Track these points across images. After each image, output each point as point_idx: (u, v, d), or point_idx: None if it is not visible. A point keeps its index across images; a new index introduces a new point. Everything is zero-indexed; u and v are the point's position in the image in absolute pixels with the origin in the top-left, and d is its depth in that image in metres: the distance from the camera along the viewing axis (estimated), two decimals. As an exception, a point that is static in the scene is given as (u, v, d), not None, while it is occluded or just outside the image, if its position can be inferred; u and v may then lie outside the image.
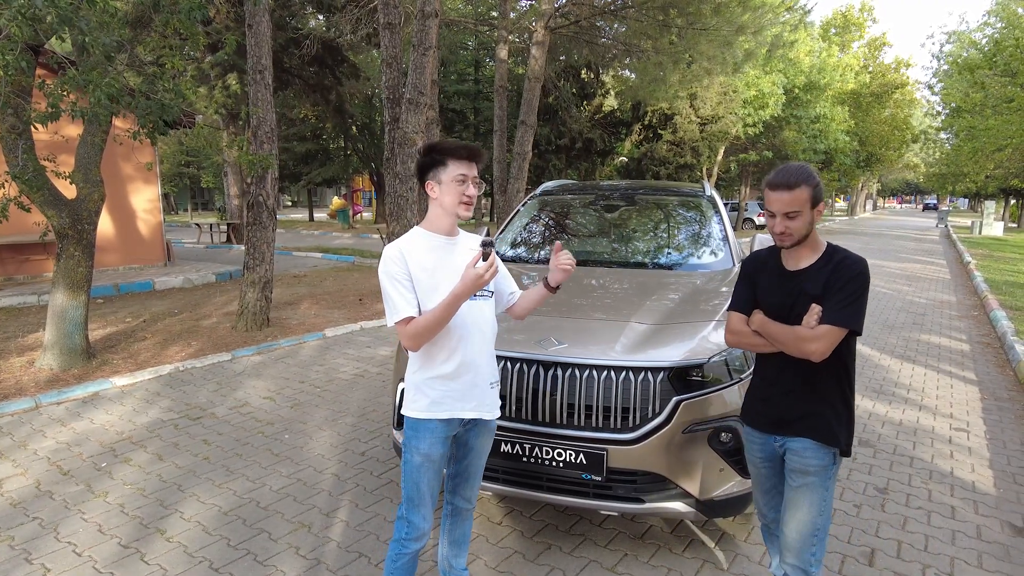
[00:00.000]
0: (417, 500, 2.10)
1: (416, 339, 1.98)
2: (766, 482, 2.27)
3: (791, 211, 1.99)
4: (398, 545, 2.13)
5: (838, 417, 2.07)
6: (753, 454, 2.26)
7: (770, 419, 2.16)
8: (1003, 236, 26.24)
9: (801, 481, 2.08)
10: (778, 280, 2.13)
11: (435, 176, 2.06)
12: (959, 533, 3.17)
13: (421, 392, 2.08)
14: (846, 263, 2.00)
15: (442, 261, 2.07)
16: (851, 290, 1.96)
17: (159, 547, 2.92)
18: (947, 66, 19.55)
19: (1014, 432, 4.54)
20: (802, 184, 1.99)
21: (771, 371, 2.16)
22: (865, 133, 31.12)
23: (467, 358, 2.08)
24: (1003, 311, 8.47)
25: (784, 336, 2.02)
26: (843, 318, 1.94)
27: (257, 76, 6.38)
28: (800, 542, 2.09)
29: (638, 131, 22.68)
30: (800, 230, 2.02)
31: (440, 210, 2.09)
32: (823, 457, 2.06)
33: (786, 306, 2.07)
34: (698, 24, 9.72)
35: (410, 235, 2.11)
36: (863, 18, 33.35)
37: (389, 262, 2.01)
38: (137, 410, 4.75)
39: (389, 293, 1.99)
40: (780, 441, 2.14)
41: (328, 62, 15.75)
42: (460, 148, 2.03)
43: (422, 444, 2.07)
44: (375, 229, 21.00)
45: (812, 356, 1.96)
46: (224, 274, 11.20)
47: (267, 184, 6.66)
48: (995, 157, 16.36)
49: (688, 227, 4.09)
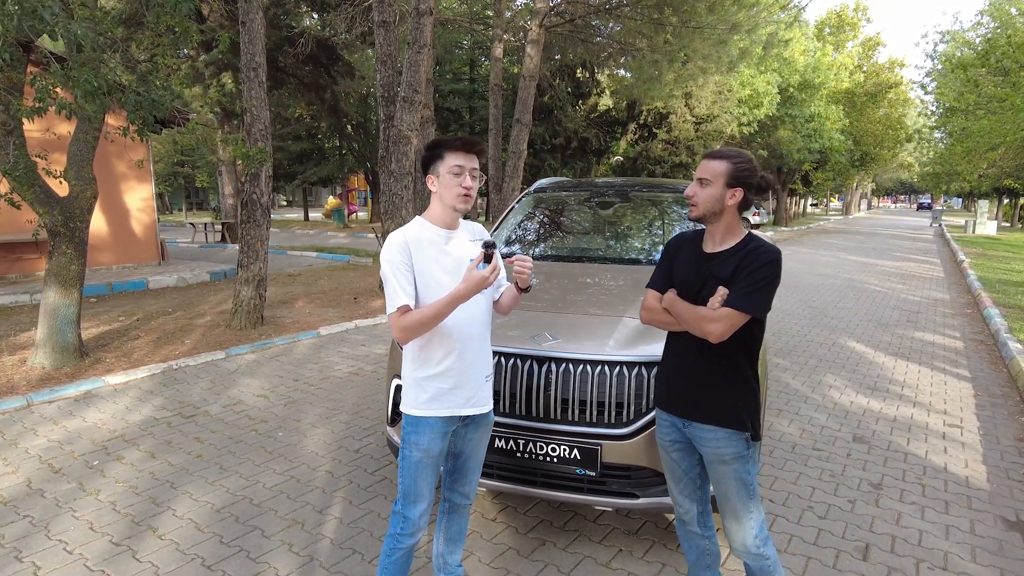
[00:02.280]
0: (414, 496, 2.08)
1: (408, 332, 1.96)
2: (677, 468, 2.25)
3: (702, 177, 2.06)
4: (393, 540, 2.12)
5: (742, 402, 2.08)
6: (663, 438, 2.25)
7: (677, 401, 2.17)
8: (996, 235, 26.37)
9: (722, 471, 2.10)
10: (693, 260, 2.14)
11: (434, 170, 2.06)
12: (953, 528, 3.17)
13: (420, 389, 2.07)
14: (758, 251, 2.02)
15: (442, 253, 2.06)
16: (759, 277, 1.98)
17: (151, 545, 2.90)
18: (940, 66, 19.63)
19: (1007, 428, 4.56)
20: (724, 159, 2.05)
21: (678, 352, 2.17)
22: (859, 132, 31.22)
23: (465, 354, 2.07)
24: (996, 309, 8.50)
25: (687, 315, 2.04)
26: (746, 303, 1.96)
27: (251, 74, 6.35)
28: (743, 531, 2.12)
29: (633, 130, 22.69)
30: (705, 201, 2.05)
31: (439, 204, 2.08)
32: (736, 444, 2.07)
33: (695, 287, 2.09)
34: (692, 23, 9.73)
35: (413, 225, 2.09)
36: (857, 18, 33.46)
37: (392, 249, 2.00)
38: (130, 408, 4.72)
39: (388, 280, 1.98)
40: (688, 426, 2.14)
41: (323, 61, 15.70)
42: (456, 140, 2.02)
43: (421, 440, 2.06)
44: (371, 228, 20.95)
45: (710, 337, 1.98)
46: (218, 273, 11.16)
47: (261, 182, 6.64)
48: (988, 156, 16.42)
49: (682, 224, 4.08)
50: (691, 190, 2.09)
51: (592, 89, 22.68)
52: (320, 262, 14.20)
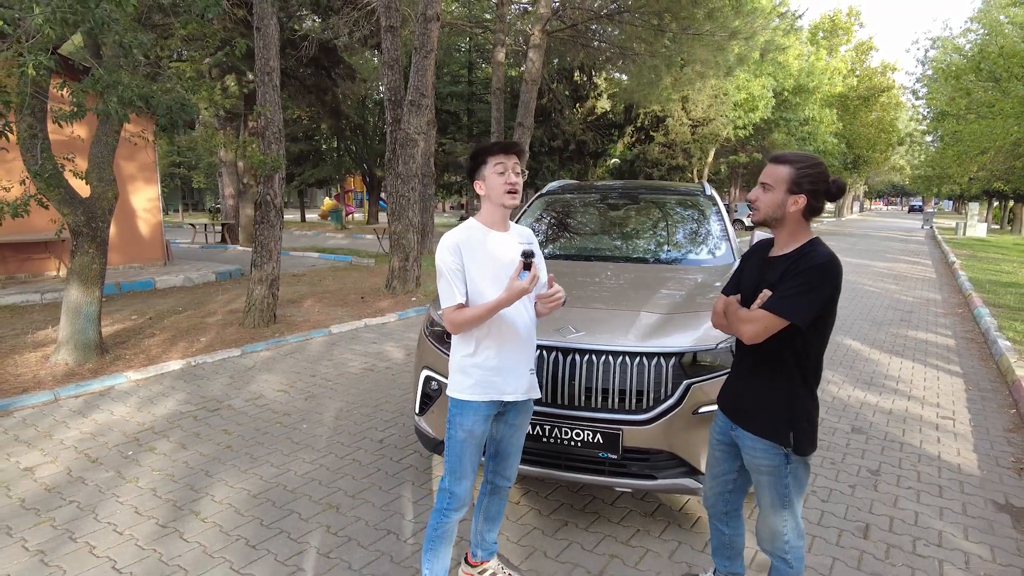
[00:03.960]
0: (460, 473, 2.27)
1: (459, 327, 2.20)
2: (717, 466, 2.33)
3: (765, 181, 2.04)
4: (439, 515, 2.30)
5: (786, 415, 2.04)
6: (713, 434, 2.34)
7: (729, 404, 2.24)
8: (986, 237, 26.78)
9: (757, 478, 2.16)
10: (757, 266, 2.16)
11: (479, 175, 2.25)
12: (946, 510, 3.39)
13: (466, 374, 2.25)
14: (809, 255, 1.97)
15: (490, 254, 2.24)
16: (801, 281, 1.92)
17: (195, 527, 3.07)
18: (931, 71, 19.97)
19: (997, 420, 4.78)
20: (788, 163, 2.01)
21: (738, 358, 2.24)
22: (852, 135, 31.64)
23: (508, 345, 2.26)
24: (986, 308, 8.75)
25: (732, 317, 2.08)
26: (781, 307, 1.91)
27: (265, 78, 6.52)
28: (770, 534, 2.17)
29: (630, 133, 22.95)
30: (766, 207, 2.03)
31: (489, 204, 2.27)
32: (773, 457, 2.07)
33: (754, 291, 2.08)
34: (692, 29, 9.97)
35: (466, 227, 2.27)
36: (850, 22, 33.91)
37: (446, 252, 2.20)
38: (154, 402, 4.88)
39: (444, 279, 2.19)
40: (735, 429, 2.20)
41: (324, 64, 15.87)
42: (494, 144, 2.22)
43: (466, 422, 2.24)
44: (371, 230, 21.10)
45: (743, 338, 2.00)
46: (224, 273, 11.29)
47: (275, 184, 6.80)
48: (978, 160, 16.75)
49: (691, 225, 4.29)
50: (754, 194, 2.08)
51: (589, 92, 22.92)
52: (323, 263, 14.33)
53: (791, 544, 2.17)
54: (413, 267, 9.56)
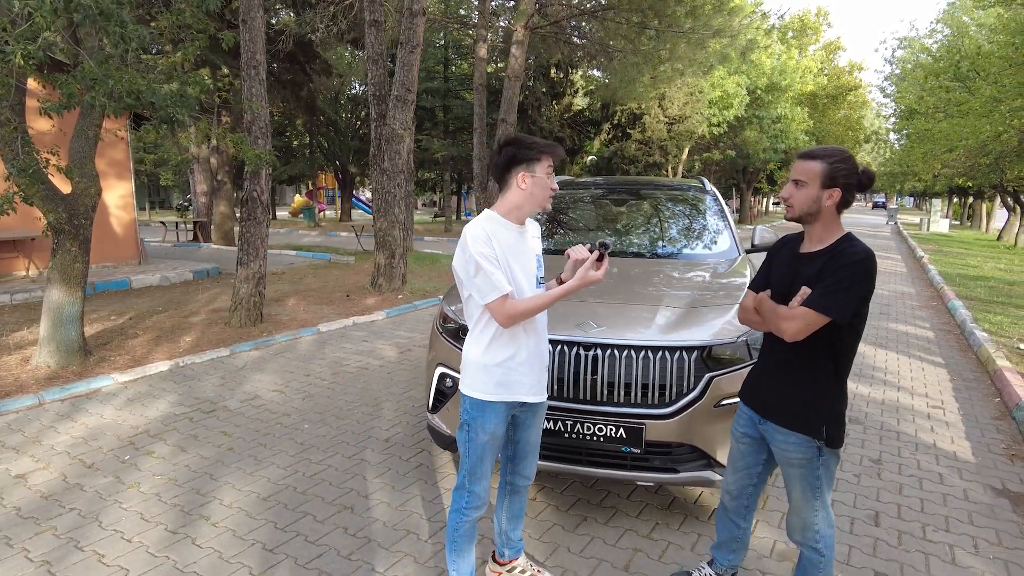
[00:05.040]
0: (480, 474, 2.23)
1: (514, 319, 2.10)
2: (740, 460, 2.32)
3: (798, 178, 2.04)
4: (459, 515, 2.26)
5: (820, 408, 2.05)
6: (737, 428, 2.33)
7: (756, 398, 2.24)
8: (949, 232, 27.64)
9: (789, 471, 2.16)
10: (789, 261, 2.16)
11: (529, 168, 2.14)
12: (949, 496, 3.48)
13: (489, 374, 2.18)
14: (847, 251, 1.98)
15: (514, 248, 2.19)
16: (840, 277, 1.93)
17: (207, 532, 2.99)
18: (899, 70, 20.50)
19: (983, 408, 4.93)
20: (820, 159, 2.01)
21: (767, 353, 2.24)
22: (822, 133, 32.31)
23: (531, 344, 2.22)
24: (959, 301, 9.03)
25: (768, 314, 2.05)
26: (822, 304, 1.92)
27: (252, 71, 6.37)
28: (802, 524, 2.18)
29: (607, 130, 23.08)
30: (801, 203, 2.04)
31: (525, 200, 2.16)
32: (805, 450, 2.08)
33: (786, 287, 2.08)
34: (675, 26, 10.05)
35: (486, 218, 2.18)
36: (819, 22, 34.62)
37: (480, 243, 2.09)
38: (145, 405, 4.74)
39: (485, 272, 2.07)
40: (764, 424, 2.20)
41: (300, 59, 15.58)
42: (549, 145, 2.16)
43: (488, 423, 2.19)
44: (347, 227, 20.85)
45: (784, 335, 1.98)
46: (201, 272, 11.03)
47: (261, 180, 6.66)
48: (944, 158, 17.26)
49: (697, 219, 4.32)
50: (787, 191, 2.06)
51: (566, 89, 22.98)
52: (301, 260, 14.11)
53: (822, 533, 2.19)
54: (399, 264, 9.46)
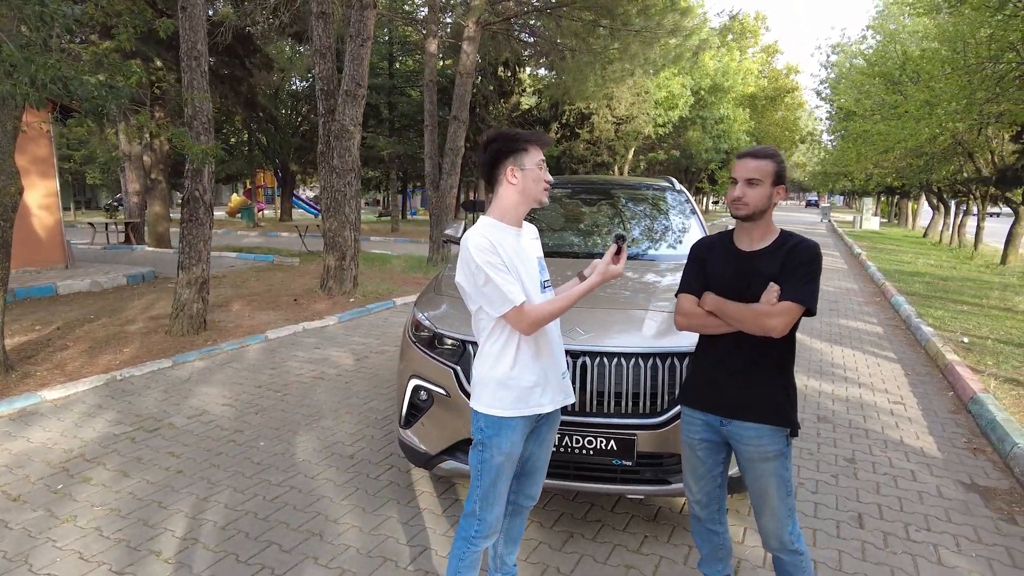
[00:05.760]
0: (493, 499, 2.05)
1: (537, 325, 1.96)
2: (701, 466, 2.26)
3: (753, 177, 2.05)
4: (466, 543, 2.07)
5: (786, 398, 2.12)
6: (692, 436, 2.25)
7: (718, 401, 2.17)
8: (880, 230, 28.99)
9: (763, 468, 2.12)
10: (730, 261, 2.15)
11: (517, 161, 2.00)
12: (924, 493, 3.50)
13: (506, 388, 2.01)
14: (802, 245, 2.08)
15: (517, 252, 2.04)
16: (808, 271, 2.03)
17: (158, 570, 2.68)
18: (834, 74, 21.32)
19: (940, 402, 5.06)
20: (769, 158, 2.08)
21: (719, 352, 2.16)
22: (761, 134, 33.40)
23: (547, 350, 2.08)
24: (902, 297, 9.37)
25: (743, 314, 2.04)
26: (802, 296, 2.00)
27: (193, 63, 5.93)
28: (779, 527, 2.15)
29: (556, 130, 23.11)
30: (756, 201, 2.06)
31: (519, 197, 2.03)
32: (778, 441, 2.10)
33: (740, 287, 2.09)
34: (629, 25, 10.05)
35: (486, 225, 2.04)
36: (757, 26, 35.75)
37: (486, 252, 1.94)
38: (79, 424, 4.32)
39: (496, 282, 1.92)
40: (728, 425, 2.15)
41: (239, 52, 14.89)
42: (536, 135, 2.02)
43: (504, 443, 2.02)
44: (290, 227, 20.15)
45: (773, 332, 1.99)
46: (136, 276, 10.36)
47: (204, 178, 6.23)
48: (874, 159, 18.05)
49: (674, 219, 4.25)
50: (740, 191, 2.07)
51: (514, 88, 22.88)
52: (241, 263, 13.48)
53: (795, 532, 2.18)
54: (350, 266, 9.11)
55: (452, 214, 12.31)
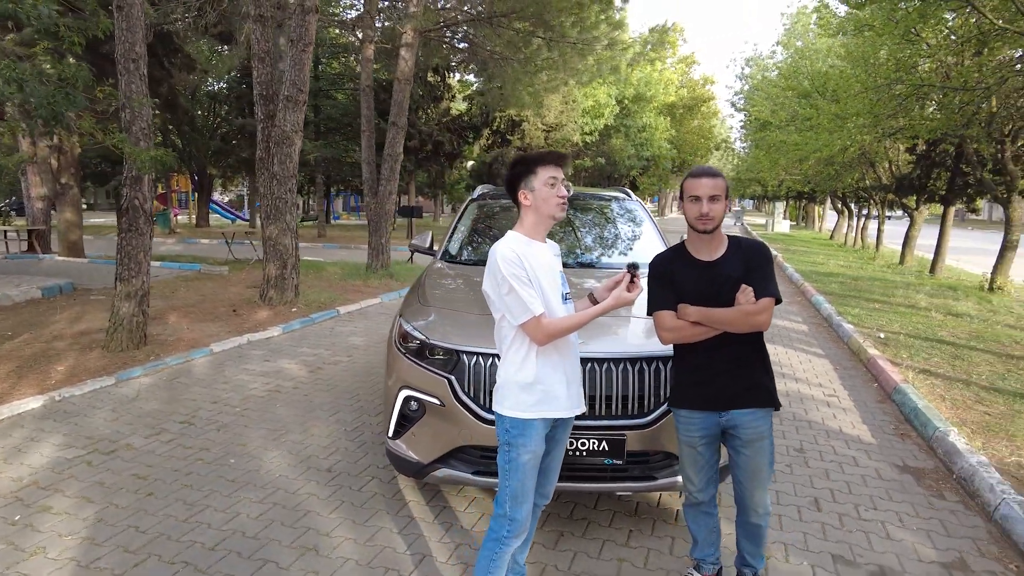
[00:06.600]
0: (522, 497, 2.16)
1: (552, 337, 2.11)
2: (702, 459, 2.45)
3: (715, 194, 2.26)
4: (497, 544, 2.17)
5: (772, 381, 2.40)
6: (691, 435, 2.43)
7: (712, 398, 2.36)
8: (790, 233, 30.98)
9: (759, 446, 2.36)
10: (697, 272, 2.34)
11: (527, 185, 2.16)
12: (867, 476, 3.87)
13: (528, 392, 2.15)
14: (755, 247, 2.33)
15: (541, 265, 2.17)
16: (769, 268, 2.31)
17: (150, 595, 2.61)
18: (748, 85, 22.63)
19: (867, 393, 5.55)
20: (720, 176, 2.32)
21: (700, 357, 2.37)
22: (679, 141, 34.92)
23: (565, 358, 2.21)
24: (822, 296, 10.12)
25: (731, 317, 2.24)
26: (773, 290, 2.27)
27: (131, 65, 5.65)
28: (765, 495, 2.45)
29: (487, 136, 23.30)
30: (719, 214, 2.28)
31: (536, 216, 2.19)
32: (768, 419, 2.39)
33: (712, 294, 2.28)
34: (567, 37, 10.36)
35: (513, 239, 2.18)
36: (675, 37, 37.32)
37: (512, 265, 2.08)
38: (23, 450, 4.05)
39: (517, 293, 2.07)
40: (726, 416, 2.36)
41: (159, 52, 14.15)
42: (546, 154, 2.16)
43: (530, 443, 2.14)
44: (208, 233, 19.29)
45: (762, 327, 2.27)
46: (52, 289, 9.66)
47: (144, 186, 5.94)
48: (789, 167, 19.31)
49: (637, 227, 4.46)
50: (707, 207, 2.25)
51: (444, 93, 22.89)
52: (165, 272, 12.79)
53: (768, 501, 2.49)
54: (291, 275, 8.90)
55: (391, 220, 12.20)
